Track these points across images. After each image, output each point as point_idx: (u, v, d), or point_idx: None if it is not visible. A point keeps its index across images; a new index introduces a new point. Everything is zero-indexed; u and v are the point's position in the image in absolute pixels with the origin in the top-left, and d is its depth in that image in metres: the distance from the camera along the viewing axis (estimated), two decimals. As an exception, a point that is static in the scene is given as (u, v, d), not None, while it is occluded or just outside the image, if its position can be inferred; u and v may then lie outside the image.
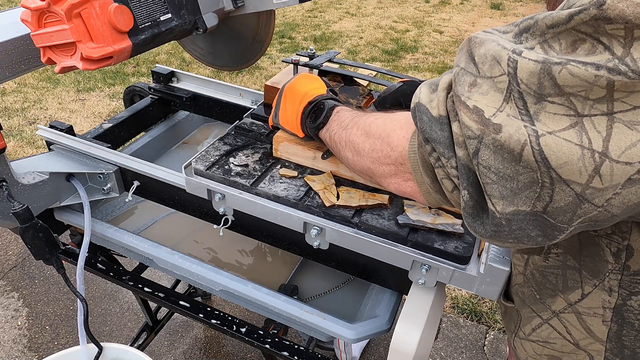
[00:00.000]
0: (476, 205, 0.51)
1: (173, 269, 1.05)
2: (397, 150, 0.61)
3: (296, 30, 5.81)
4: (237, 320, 1.07)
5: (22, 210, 0.89)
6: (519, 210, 0.47)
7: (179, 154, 1.49)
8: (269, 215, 0.87)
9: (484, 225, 0.51)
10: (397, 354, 0.81)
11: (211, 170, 0.92)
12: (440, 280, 0.81)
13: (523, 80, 0.44)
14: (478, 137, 0.47)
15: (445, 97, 0.52)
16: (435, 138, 0.52)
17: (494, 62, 0.46)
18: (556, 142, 0.43)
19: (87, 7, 0.74)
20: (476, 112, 0.47)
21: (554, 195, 0.45)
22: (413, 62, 4.94)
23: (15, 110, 3.73)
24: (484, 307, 2.21)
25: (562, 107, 0.43)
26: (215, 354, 2.00)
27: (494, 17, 6.57)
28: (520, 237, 0.49)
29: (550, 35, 0.45)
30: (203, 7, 1.00)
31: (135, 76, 4.37)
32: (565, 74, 0.42)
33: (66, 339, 2.03)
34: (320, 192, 0.87)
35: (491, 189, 0.48)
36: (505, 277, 0.75)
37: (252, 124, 1.07)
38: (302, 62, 1.11)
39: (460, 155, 0.50)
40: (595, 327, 0.62)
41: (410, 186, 0.62)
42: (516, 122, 0.44)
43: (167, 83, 1.46)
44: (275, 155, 0.97)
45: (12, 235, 2.53)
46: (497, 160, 0.46)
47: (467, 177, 0.50)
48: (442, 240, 0.81)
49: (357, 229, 0.83)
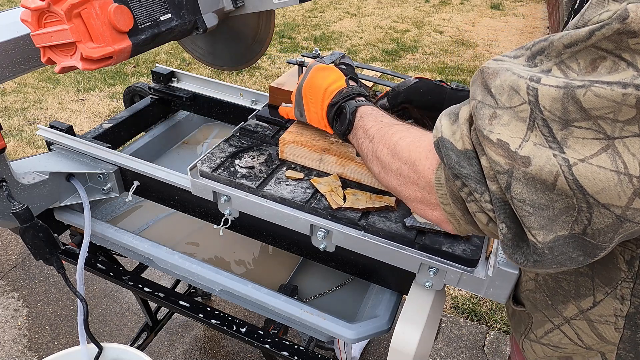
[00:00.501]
0: (515, 237, 0.49)
1: (173, 269, 1.05)
2: (424, 180, 0.59)
3: (296, 30, 5.81)
4: (237, 320, 1.07)
5: (22, 210, 0.88)
6: (558, 236, 0.46)
7: (179, 154, 1.49)
8: (275, 218, 0.87)
9: (525, 255, 0.50)
10: (397, 354, 0.81)
11: (217, 172, 0.91)
12: (448, 283, 0.80)
13: (546, 107, 0.43)
14: (508, 172, 0.45)
15: (469, 130, 0.51)
16: (465, 174, 0.50)
17: (512, 92, 0.45)
18: (590, 170, 0.41)
19: (87, 7, 0.74)
20: (501, 146, 0.46)
21: (593, 219, 0.43)
22: (413, 62, 4.94)
23: (15, 110, 3.73)
24: (484, 307, 2.21)
25: (590, 132, 0.41)
26: (215, 354, 2.00)
27: (494, 17, 6.57)
28: (563, 261, 0.48)
29: (567, 55, 0.43)
30: (203, 7, 1.00)
31: (135, 76, 4.37)
32: (590, 96, 0.40)
33: (66, 339, 2.03)
34: (327, 194, 0.87)
35: (529, 221, 0.46)
36: (514, 281, 0.75)
37: (257, 125, 1.07)
38: (307, 64, 1.11)
39: (494, 189, 0.48)
40: (607, 334, 0.61)
41: (437, 215, 0.60)
42: (545, 152, 0.43)
43: (167, 83, 1.46)
44: (281, 157, 0.97)
45: (12, 235, 2.53)
46: (531, 192, 0.45)
47: (503, 210, 0.48)
48: (450, 243, 0.80)
49: (364, 232, 0.83)
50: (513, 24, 6.22)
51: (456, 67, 4.79)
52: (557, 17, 5.52)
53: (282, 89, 1.10)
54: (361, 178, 0.91)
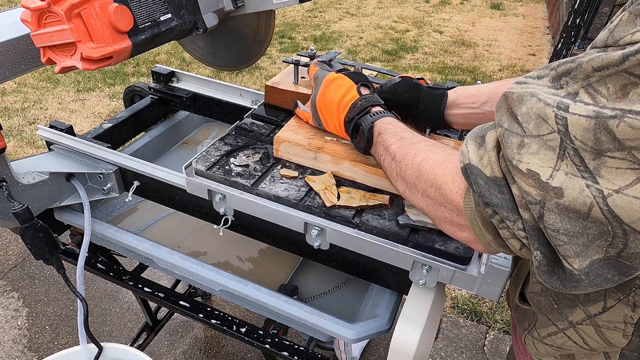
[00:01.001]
0: (550, 262, 0.49)
1: (173, 269, 1.05)
2: (451, 203, 0.58)
3: (296, 30, 5.81)
4: (237, 320, 1.07)
5: (22, 210, 0.88)
6: (593, 260, 0.45)
7: (179, 154, 1.49)
8: (269, 216, 0.87)
9: (561, 280, 0.49)
10: (397, 354, 0.81)
11: (212, 171, 0.92)
12: (441, 281, 0.81)
13: (577, 137, 0.42)
14: (540, 202, 0.45)
15: (497, 156, 0.50)
16: (496, 203, 0.49)
17: (540, 120, 0.44)
18: (626, 201, 0.40)
19: (87, 7, 0.74)
20: (532, 177, 0.45)
21: (629, 244, 0.43)
22: (413, 62, 4.94)
23: (15, 110, 3.73)
24: (484, 307, 2.21)
25: (624, 162, 0.40)
26: (215, 354, 2.00)
27: (494, 17, 6.57)
28: (599, 282, 0.47)
29: (595, 79, 0.42)
30: (203, 7, 1.00)
31: (135, 76, 4.37)
32: (624, 127, 0.39)
33: (66, 339, 2.03)
34: (321, 192, 0.87)
35: (564, 250, 0.45)
36: (506, 278, 0.75)
37: (253, 124, 1.07)
38: (303, 63, 1.11)
39: (526, 217, 0.47)
40: (614, 339, 0.61)
41: (466, 236, 0.59)
42: (577, 182, 0.42)
43: (167, 83, 1.46)
44: (276, 156, 0.97)
45: (12, 235, 2.53)
46: (564, 221, 0.44)
47: (537, 237, 0.48)
48: (443, 241, 0.80)
49: (357, 230, 0.83)
50: (513, 24, 6.22)
51: (456, 67, 4.79)
52: (557, 17, 5.52)
53: (277, 88, 1.10)
54: (355, 176, 0.92)
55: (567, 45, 2.77)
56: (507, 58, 5.07)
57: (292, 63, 1.12)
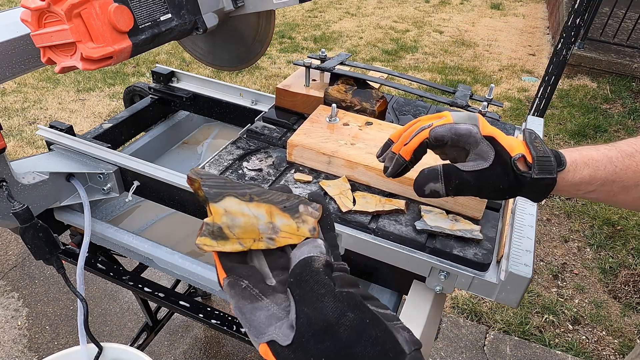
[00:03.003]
0: None
1: (173, 269, 1.05)
2: None
3: (296, 30, 5.81)
4: (237, 320, 1.07)
5: (22, 210, 0.88)
6: None
7: (179, 154, 1.49)
8: (284, 221, 0.87)
9: None
10: (397, 354, 0.81)
11: (225, 175, 0.91)
12: (459, 287, 0.80)
13: None
14: None
15: None
16: None
17: None
18: None
19: (87, 7, 0.74)
20: None
21: None
22: (413, 62, 4.94)
23: (15, 110, 3.73)
24: (484, 307, 2.21)
25: None
26: (215, 354, 2.00)
27: (494, 17, 6.56)
28: None
29: None
30: (203, 7, 1.00)
31: (135, 76, 4.37)
32: None
33: (66, 339, 2.03)
34: (336, 197, 0.86)
35: None
36: (526, 285, 0.73)
37: (264, 127, 1.06)
38: (314, 65, 1.10)
39: None
40: None
41: None
42: None
43: (167, 83, 1.46)
44: (289, 160, 0.96)
45: (12, 235, 2.53)
46: None
47: None
48: (461, 247, 0.79)
49: (374, 235, 0.82)
50: (513, 24, 6.22)
51: (456, 67, 4.79)
52: (557, 17, 5.51)
53: (288, 91, 1.10)
54: (370, 181, 0.90)
55: (567, 45, 2.77)
56: (507, 58, 5.07)
57: (303, 65, 1.11)
